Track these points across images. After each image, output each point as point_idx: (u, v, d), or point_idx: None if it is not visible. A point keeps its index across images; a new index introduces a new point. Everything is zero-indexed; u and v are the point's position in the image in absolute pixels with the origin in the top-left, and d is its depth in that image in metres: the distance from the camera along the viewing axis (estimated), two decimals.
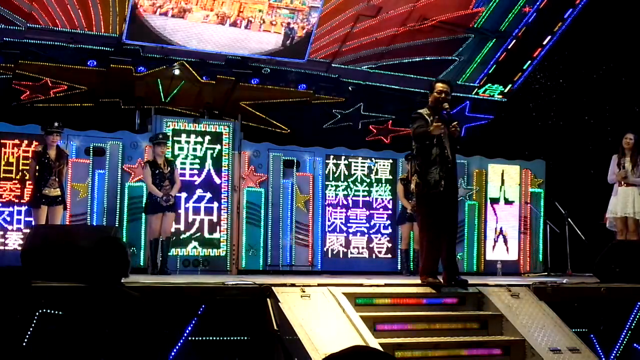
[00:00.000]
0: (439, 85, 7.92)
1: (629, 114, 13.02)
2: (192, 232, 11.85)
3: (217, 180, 12.03)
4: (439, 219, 7.63)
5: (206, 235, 11.91)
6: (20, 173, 11.08)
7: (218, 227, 11.97)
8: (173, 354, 6.23)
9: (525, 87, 14.94)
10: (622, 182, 10.52)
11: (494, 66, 14.65)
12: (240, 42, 12.61)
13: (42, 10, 11.96)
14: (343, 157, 12.87)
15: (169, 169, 10.77)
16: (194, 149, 11.98)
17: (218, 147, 12.10)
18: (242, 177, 12.15)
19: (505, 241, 13.47)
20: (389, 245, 13.01)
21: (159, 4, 11.97)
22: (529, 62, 14.63)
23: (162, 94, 12.81)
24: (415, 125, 7.75)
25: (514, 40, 14.37)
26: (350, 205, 12.86)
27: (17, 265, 6.98)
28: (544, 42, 14.43)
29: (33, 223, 10.02)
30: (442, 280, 7.68)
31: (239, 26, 12.51)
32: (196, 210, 11.91)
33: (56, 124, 10.09)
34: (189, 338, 6.35)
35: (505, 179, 13.56)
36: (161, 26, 12.08)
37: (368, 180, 12.98)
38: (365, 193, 12.95)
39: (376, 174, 13.03)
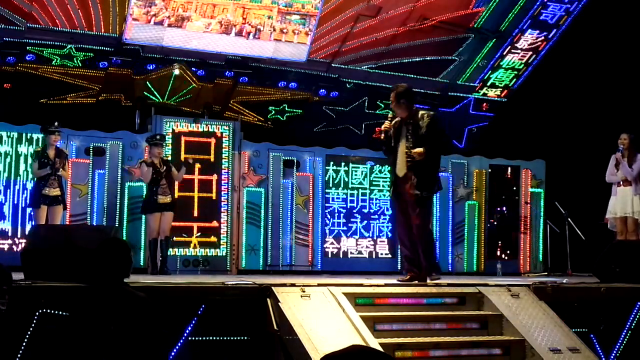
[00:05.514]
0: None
1: (629, 113, 12.99)
2: (192, 232, 11.84)
3: (217, 180, 12.03)
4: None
5: (206, 235, 11.91)
6: None
7: (218, 227, 11.97)
8: (173, 354, 6.22)
9: (525, 87, 14.92)
10: (622, 182, 10.52)
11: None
12: (243, 45, 12.52)
13: (42, 10, 11.96)
14: (343, 157, 12.86)
15: (164, 167, 10.80)
16: (194, 149, 11.97)
17: (218, 147, 12.09)
18: (242, 177, 12.15)
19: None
20: (389, 245, 13.00)
21: (154, 12, 11.60)
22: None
23: (161, 94, 12.80)
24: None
25: None
26: (351, 205, 12.85)
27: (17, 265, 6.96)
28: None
29: (33, 223, 10.02)
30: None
31: (245, 36, 12.27)
32: (196, 210, 11.91)
33: (56, 124, 10.13)
34: (189, 338, 6.34)
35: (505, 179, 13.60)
36: (157, 37, 11.82)
37: (368, 180, 12.98)
38: (365, 193, 12.94)
39: (376, 173, 13.03)
